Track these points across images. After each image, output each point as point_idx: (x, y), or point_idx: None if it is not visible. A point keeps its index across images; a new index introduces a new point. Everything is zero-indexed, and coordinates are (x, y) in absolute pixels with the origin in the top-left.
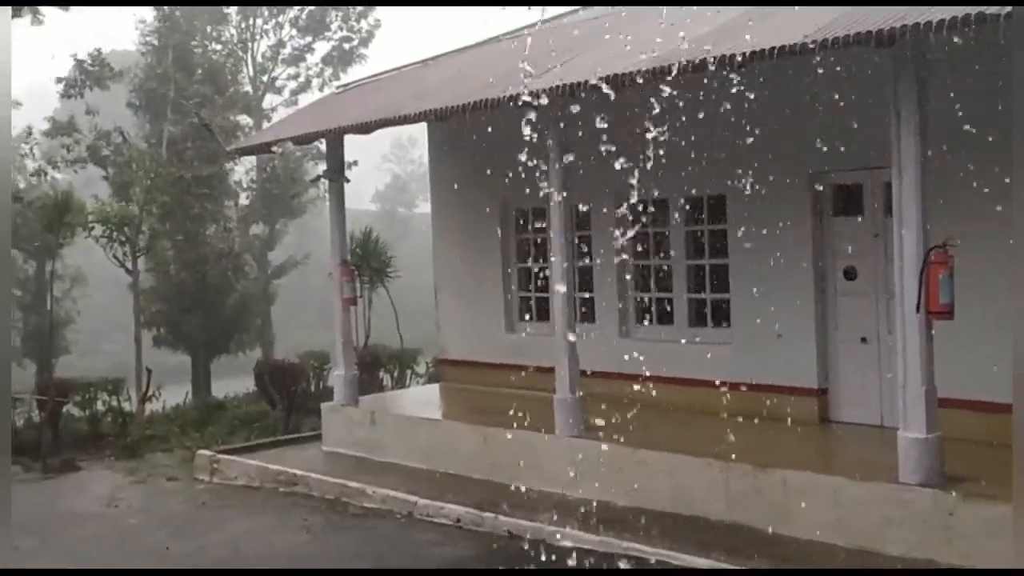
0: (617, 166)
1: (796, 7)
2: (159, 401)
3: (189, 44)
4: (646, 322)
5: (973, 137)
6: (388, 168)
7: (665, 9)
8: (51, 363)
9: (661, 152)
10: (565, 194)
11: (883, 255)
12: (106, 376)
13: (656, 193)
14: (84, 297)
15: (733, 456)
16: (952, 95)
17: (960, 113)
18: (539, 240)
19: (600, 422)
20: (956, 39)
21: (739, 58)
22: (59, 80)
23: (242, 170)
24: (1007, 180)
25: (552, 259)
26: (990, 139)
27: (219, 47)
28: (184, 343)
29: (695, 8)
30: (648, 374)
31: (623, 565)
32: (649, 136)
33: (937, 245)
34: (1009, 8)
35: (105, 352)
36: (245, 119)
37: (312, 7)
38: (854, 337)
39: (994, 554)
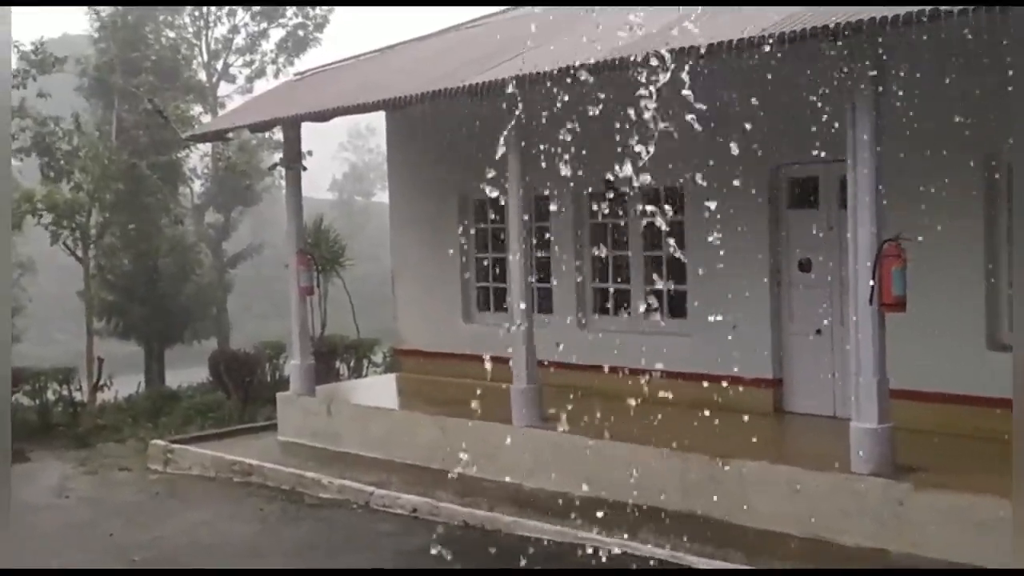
0: (575, 157)
1: (752, 6)
2: (111, 391)
3: (142, 30)
4: (603, 313)
5: (928, 131)
6: (345, 157)
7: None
8: None
9: (619, 143)
10: (523, 185)
11: (837, 248)
12: (57, 365)
13: (613, 184)
14: (34, 286)
15: (689, 446)
16: (908, 90)
17: (915, 107)
18: (497, 230)
19: (558, 411)
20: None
21: (697, 51)
22: None
23: (196, 158)
24: (962, 174)
25: (510, 249)
26: (945, 133)
27: (172, 34)
28: (136, 333)
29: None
30: (605, 365)
31: (579, 554)
32: (606, 127)
33: (890, 238)
34: (962, 7)
35: (56, 341)
36: (198, 108)
37: None
38: (808, 328)
39: (944, 542)
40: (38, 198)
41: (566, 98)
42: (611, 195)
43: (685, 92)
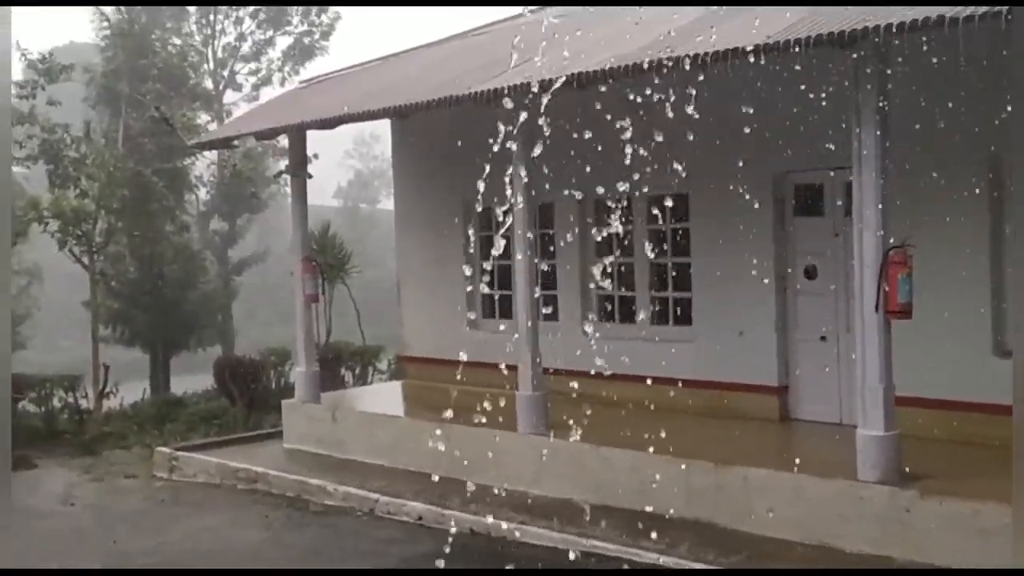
0: (581, 164)
1: (759, 8)
2: (117, 398)
3: (149, 38)
4: (608, 320)
5: (933, 138)
6: (351, 164)
7: (632, 9)
8: None
9: (625, 150)
10: (529, 192)
11: (843, 254)
12: (62, 372)
13: (620, 191)
14: (40, 293)
15: (695, 453)
16: (913, 95)
17: (920, 113)
18: (503, 237)
19: (564, 419)
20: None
21: (702, 58)
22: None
23: (203, 165)
24: (968, 179)
25: (516, 257)
26: (950, 140)
27: (179, 42)
28: (141, 340)
29: (659, 9)
30: (611, 372)
31: (583, 561)
32: (613, 134)
33: (896, 245)
34: (971, 10)
35: (61, 348)
36: (205, 116)
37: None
38: (814, 336)
39: (949, 549)
40: (44, 205)
41: (571, 105)
42: (617, 202)
43: (691, 97)
